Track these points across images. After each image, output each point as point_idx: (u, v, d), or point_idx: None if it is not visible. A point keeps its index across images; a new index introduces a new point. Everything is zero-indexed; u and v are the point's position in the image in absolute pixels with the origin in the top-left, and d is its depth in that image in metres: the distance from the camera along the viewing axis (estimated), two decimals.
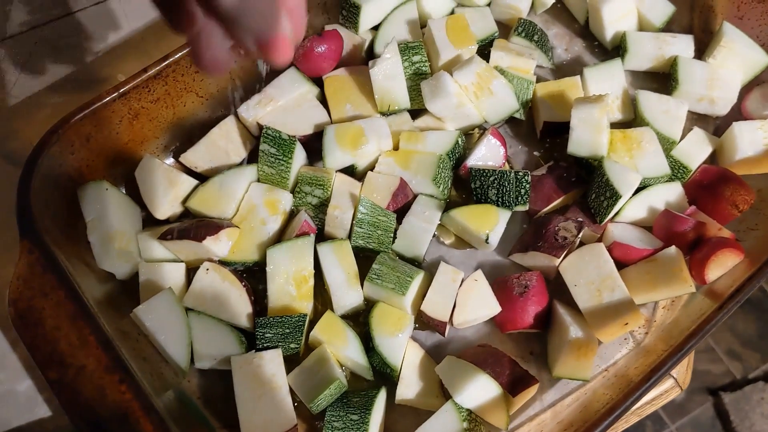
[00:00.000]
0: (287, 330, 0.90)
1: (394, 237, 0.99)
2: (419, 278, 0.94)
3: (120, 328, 0.87)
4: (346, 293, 0.94)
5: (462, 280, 0.95)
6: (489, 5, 1.15)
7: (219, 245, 0.93)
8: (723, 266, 0.93)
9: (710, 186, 1.01)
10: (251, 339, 0.93)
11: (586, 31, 1.19)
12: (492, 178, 0.98)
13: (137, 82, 0.94)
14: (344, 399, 0.89)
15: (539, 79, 1.10)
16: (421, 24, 1.13)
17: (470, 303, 0.93)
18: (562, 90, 1.07)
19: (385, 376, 0.93)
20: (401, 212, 1.00)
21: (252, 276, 0.99)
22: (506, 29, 1.17)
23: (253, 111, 1.03)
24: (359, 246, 0.97)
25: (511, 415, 0.90)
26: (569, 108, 1.02)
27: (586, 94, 1.08)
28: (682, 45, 1.11)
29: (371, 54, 1.12)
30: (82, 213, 0.95)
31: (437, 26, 1.07)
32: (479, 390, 0.86)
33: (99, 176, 0.98)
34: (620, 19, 1.13)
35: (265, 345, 0.90)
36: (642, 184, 1.00)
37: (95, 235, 0.94)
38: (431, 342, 0.97)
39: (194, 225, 0.93)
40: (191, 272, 0.96)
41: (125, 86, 0.94)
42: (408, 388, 0.91)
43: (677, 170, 1.04)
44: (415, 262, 0.99)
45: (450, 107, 1.02)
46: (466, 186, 1.05)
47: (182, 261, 0.97)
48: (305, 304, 0.93)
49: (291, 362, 0.91)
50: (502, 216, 0.99)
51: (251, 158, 1.05)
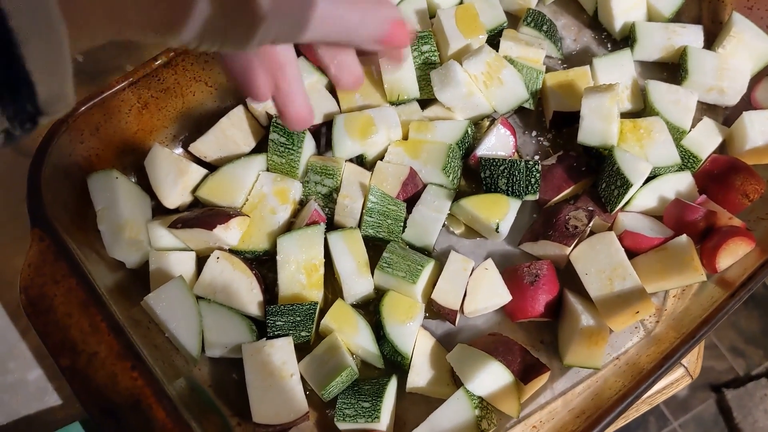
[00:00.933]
0: (298, 318, 0.90)
1: (404, 226, 0.99)
2: (430, 267, 0.94)
3: (131, 316, 0.87)
4: (357, 282, 0.94)
5: (472, 269, 0.95)
6: None
7: (229, 234, 0.93)
8: (734, 255, 0.93)
9: (720, 175, 1.01)
10: (262, 327, 0.93)
11: (595, 22, 1.19)
12: (502, 168, 0.98)
13: (147, 71, 0.94)
14: (355, 387, 0.89)
15: (548, 70, 1.10)
16: (430, 14, 1.13)
17: (481, 292, 0.93)
18: (572, 80, 1.07)
19: (396, 365, 0.93)
20: (411, 202, 1.00)
21: (261, 265, 0.99)
22: (515, 20, 1.17)
23: None
24: (369, 235, 0.97)
25: (522, 403, 0.89)
26: (579, 98, 1.02)
27: (596, 84, 1.08)
28: (692, 35, 1.11)
29: None
30: (92, 202, 0.95)
31: (446, 16, 1.07)
32: (491, 377, 0.86)
33: (108, 165, 0.98)
34: (629, 10, 1.12)
35: (276, 333, 0.90)
36: (652, 174, 0.99)
37: (105, 224, 0.94)
38: (441, 331, 0.97)
39: (204, 214, 0.93)
40: (201, 261, 0.96)
41: (135, 75, 0.94)
42: (419, 376, 0.91)
43: (687, 160, 1.03)
44: (425, 252, 0.99)
45: (459, 97, 1.02)
46: (476, 176, 1.04)
47: (192, 250, 0.97)
48: (315, 293, 0.93)
49: (301, 350, 0.91)
50: (513, 205, 0.98)
51: (260, 148, 1.04)
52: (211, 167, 1.01)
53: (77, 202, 0.94)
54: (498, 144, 1.02)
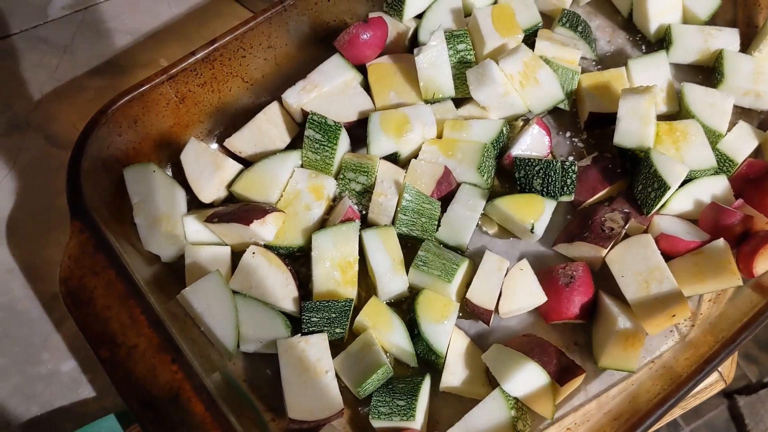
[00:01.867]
0: (333, 315, 0.90)
1: (438, 225, 0.98)
2: (464, 266, 0.94)
3: (167, 310, 0.87)
4: (392, 279, 0.93)
5: (507, 270, 0.95)
6: None
7: (265, 229, 0.93)
8: None
9: (757, 179, 1.00)
10: (296, 323, 0.93)
11: (629, 24, 1.18)
12: (537, 168, 0.97)
13: (185, 65, 0.94)
14: (389, 385, 0.89)
15: (583, 71, 1.10)
16: (465, 13, 1.12)
17: (516, 292, 0.93)
18: (607, 81, 1.06)
19: (429, 363, 0.93)
20: (444, 200, 1.00)
21: (295, 261, 0.99)
22: (549, 20, 1.17)
23: (298, 97, 1.03)
24: (402, 233, 0.97)
25: (556, 405, 0.89)
26: (614, 99, 1.02)
27: (632, 86, 1.07)
28: (728, 38, 1.10)
29: (414, 42, 1.12)
30: (129, 195, 0.95)
31: (483, 15, 1.06)
32: (527, 378, 0.86)
33: (145, 159, 0.98)
34: (665, 12, 1.12)
35: (311, 329, 0.90)
36: (688, 177, 0.99)
37: (141, 217, 0.94)
38: (474, 331, 0.97)
39: (241, 209, 0.93)
40: (235, 256, 0.96)
41: (173, 69, 0.94)
42: (453, 376, 0.90)
43: (723, 163, 1.03)
44: (458, 251, 0.99)
45: (495, 96, 1.02)
46: (509, 176, 1.04)
47: (227, 245, 0.97)
48: (350, 290, 0.93)
49: (334, 348, 0.91)
50: (548, 206, 0.98)
51: (295, 144, 1.04)
52: (246, 163, 1.01)
53: (114, 195, 0.94)
54: (533, 144, 1.02)
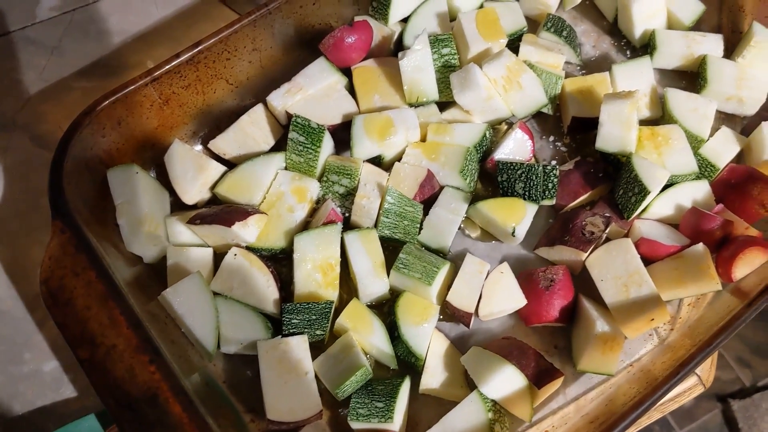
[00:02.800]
0: (314, 316, 0.90)
1: (420, 228, 0.99)
2: (445, 269, 0.94)
3: (148, 311, 0.88)
4: (372, 282, 0.94)
5: (488, 273, 0.95)
6: (518, 0, 1.15)
7: (247, 231, 0.93)
8: (750, 265, 0.93)
9: (738, 185, 1.00)
10: (277, 325, 0.93)
11: (615, 29, 1.19)
12: (519, 172, 0.98)
13: (170, 67, 0.95)
14: (369, 387, 0.89)
15: (567, 75, 1.10)
16: (451, 17, 1.13)
17: (496, 295, 0.93)
18: (591, 86, 1.07)
19: (409, 366, 0.93)
20: (427, 204, 1.01)
21: (277, 263, 0.99)
22: (535, 25, 1.17)
23: (282, 99, 1.03)
24: (385, 236, 0.97)
25: (535, 408, 0.90)
26: (597, 104, 1.02)
27: (615, 91, 1.08)
28: (712, 44, 1.11)
29: (399, 46, 1.12)
30: (112, 196, 0.95)
31: (467, 19, 1.07)
32: (505, 381, 0.86)
33: (129, 160, 0.98)
34: (650, 18, 1.12)
35: (292, 331, 0.90)
36: (669, 182, 0.99)
37: (124, 218, 0.94)
38: (455, 333, 0.97)
39: (223, 210, 0.94)
40: (218, 258, 0.97)
41: (158, 70, 0.94)
42: (432, 378, 0.91)
43: (705, 168, 1.03)
44: (440, 254, 0.99)
45: (479, 100, 1.02)
46: (492, 179, 1.05)
47: (209, 246, 0.97)
48: (331, 292, 0.94)
49: (315, 349, 0.92)
50: (529, 209, 0.99)
51: (279, 146, 1.05)
52: (230, 165, 1.02)
53: (97, 196, 0.95)
54: (516, 148, 1.02)
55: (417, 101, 1.05)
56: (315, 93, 1.05)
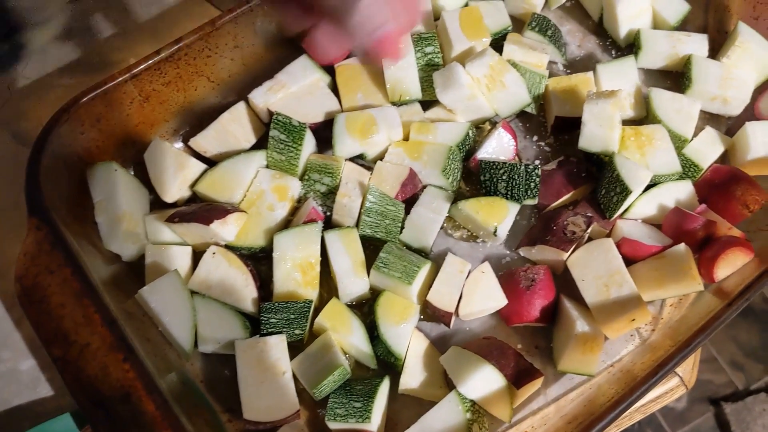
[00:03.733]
0: (292, 316, 0.89)
1: (402, 227, 0.98)
2: (426, 268, 0.94)
3: (125, 309, 0.87)
4: (352, 281, 0.93)
5: (469, 272, 0.94)
6: None
7: (226, 229, 0.92)
8: (732, 265, 0.92)
9: (721, 185, 1.00)
10: (255, 324, 0.92)
11: (600, 29, 1.18)
12: (502, 171, 0.97)
13: (149, 64, 0.94)
14: (347, 386, 0.89)
15: (551, 75, 1.10)
16: (435, 16, 1.13)
17: (477, 295, 0.93)
18: (575, 85, 1.06)
19: (389, 366, 0.92)
20: (409, 203, 1.00)
21: (257, 262, 0.99)
22: (519, 24, 1.17)
23: (264, 97, 1.03)
24: (366, 235, 0.97)
25: (514, 408, 0.89)
26: (581, 103, 1.02)
27: (599, 90, 1.08)
28: (696, 44, 1.11)
29: None
30: (91, 193, 0.95)
31: (451, 18, 1.07)
32: (483, 381, 0.85)
33: (108, 157, 0.98)
34: (635, 17, 1.12)
35: (270, 330, 0.90)
36: (652, 182, 0.99)
37: (103, 216, 0.94)
38: (436, 333, 0.97)
39: (202, 209, 0.93)
40: (197, 256, 0.96)
41: (137, 67, 0.94)
42: (412, 378, 0.90)
43: (688, 169, 1.03)
44: (422, 253, 0.99)
45: (462, 99, 1.02)
46: (475, 179, 1.04)
47: (189, 244, 0.96)
48: (311, 291, 0.93)
49: (295, 349, 0.91)
50: (511, 209, 0.98)
51: (260, 144, 1.04)
52: (211, 163, 1.01)
53: (75, 193, 0.94)
54: (499, 147, 1.02)
55: (400, 100, 1.05)
56: (297, 91, 1.04)
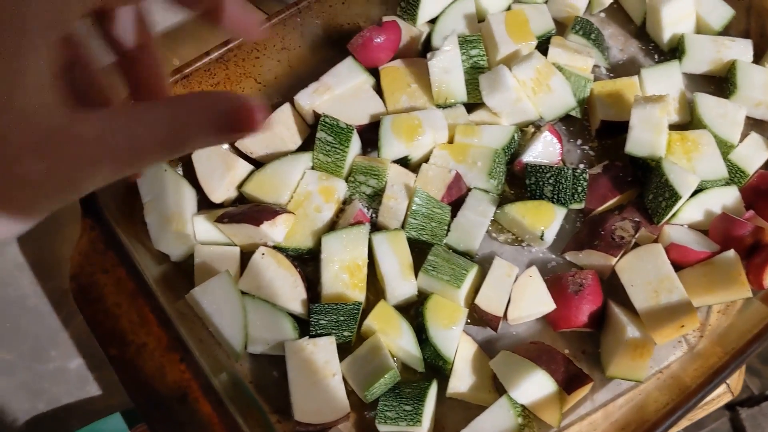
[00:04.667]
0: (342, 318, 0.90)
1: (448, 230, 0.98)
2: (474, 271, 0.94)
3: (176, 309, 0.88)
4: (400, 284, 0.93)
5: (516, 276, 0.94)
6: (546, 2, 1.15)
7: (276, 230, 0.93)
8: None
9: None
10: (304, 325, 0.93)
11: (642, 33, 1.18)
12: (548, 175, 0.97)
13: (199, 65, 0.95)
14: (397, 389, 0.89)
15: (595, 79, 1.09)
16: (479, 18, 1.12)
17: (525, 299, 0.93)
18: (619, 89, 1.06)
19: (436, 369, 0.92)
20: (454, 206, 1.00)
21: (304, 263, 0.99)
22: (561, 27, 1.16)
23: (310, 99, 1.03)
24: (412, 237, 0.97)
25: (563, 414, 0.89)
26: (626, 107, 1.01)
27: (644, 95, 1.07)
28: (741, 49, 1.10)
29: (427, 47, 1.12)
30: (139, 193, 0.95)
31: (496, 20, 1.06)
32: (535, 386, 0.85)
33: None
34: (679, 21, 1.12)
35: (319, 332, 0.90)
36: (698, 187, 0.98)
37: (152, 216, 0.94)
38: (482, 337, 0.96)
39: (251, 209, 0.93)
40: (244, 257, 0.96)
41: (188, 68, 0.94)
42: (460, 382, 0.90)
43: (734, 174, 1.02)
44: (468, 256, 0.99)
45: (508, 102, 1.02)
46: (519, 182, 1.04)
47: (236, 245, 0.97)
48: (358, 293, 0.93)
49: (342, 351, 0.91)
50: (558, 213, 0.98)
51: (306, 146, 1.04)
52: (257, 164, 1.02)
53: (126, 194, 0.94)
54: (544, 151, 1.02)
55: (445, 102, 1.04)
56: (342, 93, 1.04)
